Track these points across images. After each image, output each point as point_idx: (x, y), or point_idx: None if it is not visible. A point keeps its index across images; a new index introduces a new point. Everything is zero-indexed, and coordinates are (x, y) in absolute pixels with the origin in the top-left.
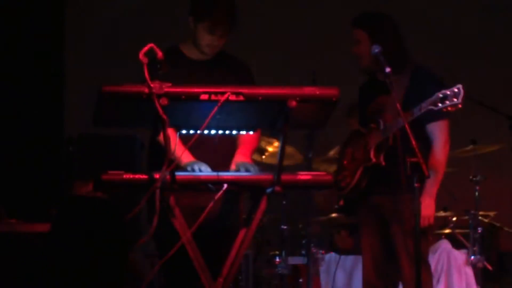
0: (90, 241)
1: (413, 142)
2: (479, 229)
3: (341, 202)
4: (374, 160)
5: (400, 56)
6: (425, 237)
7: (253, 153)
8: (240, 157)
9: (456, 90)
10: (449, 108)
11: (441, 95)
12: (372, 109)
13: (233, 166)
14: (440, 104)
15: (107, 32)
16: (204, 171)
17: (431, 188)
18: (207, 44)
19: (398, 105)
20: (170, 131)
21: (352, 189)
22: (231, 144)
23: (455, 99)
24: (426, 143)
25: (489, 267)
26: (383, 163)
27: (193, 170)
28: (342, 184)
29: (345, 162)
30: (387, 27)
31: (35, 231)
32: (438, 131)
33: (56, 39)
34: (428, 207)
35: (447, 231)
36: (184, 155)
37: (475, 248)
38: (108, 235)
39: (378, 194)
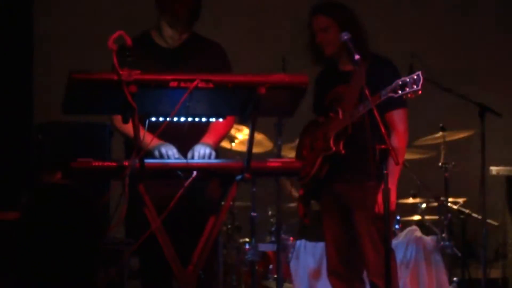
0: (60, 229)
1: (382, 129)
2: (448, 216)
3: (301, 192)
4: (334, 149)
5: (363, 45)
6: (389, 224)
7: (220, 140)
8: (204, 140)
9: (415, 77)
10: (409, 95)
11: (400, 82)
12: (330, 99)
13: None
14: (400, 91)
15: (77, 17)
16: (171, 154)
17: (393, 176)
18: (169, 36)
19: (366, 90)
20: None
21: (312, 178)
22: (201, 132)
23: (414, 86)
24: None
25: (458, 253)
26: (343, 152)
27: (160, 153)
28: (302, 174)
29: (304, 152)
30: (352, 15)
31: (4, 219)
32: (398, 120)
33: (25, 24)
34: (392, 194)
35: (416, 217)
36: (149, 139)
37: (444, 235)
38: (78, 222)
39: (339, 182)
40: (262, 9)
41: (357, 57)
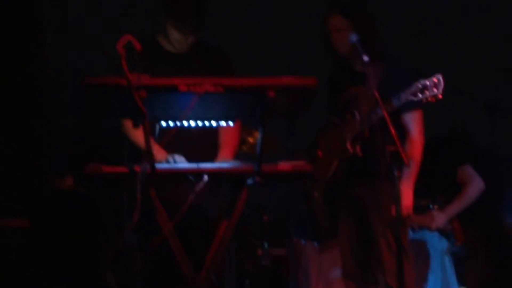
0: (71, 235)
1: (392, 131)
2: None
3: (316, 194)
4: (351, 151)
5: (377, 46)
6: (404, 226)
7: (236, 151)
8: (222, 156)
9: (435, 80)
10: (429, 99)
11: (420, 86)
12: (344, 99)
13: None
14: (420, 95)
15: (84, 22)
16: (179, 162)
17: (409, 178)
18: (176, 39)
19: (377, 95)
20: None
21: (328, 181)
22: (210, 136)
23: (435, 90)
24: (401, 133)
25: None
26: (360, 154)
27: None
28: (317, 176)
29: (320, 154)
30: (367, 16)
31: (12, 226)
32: (414, 121)
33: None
34: (407, 197)
35: None
36: (157, 152)
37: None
38: (88, 229)
39: (355, 185)
40: (270, 11)
41: (366, 58)
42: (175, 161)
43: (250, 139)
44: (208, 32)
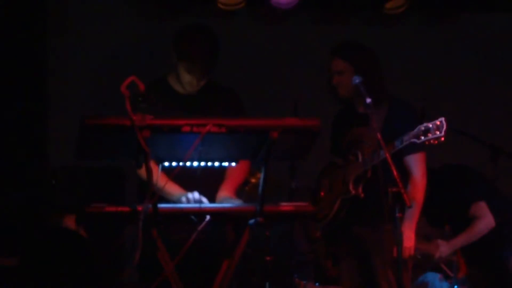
0: (59, 274)
1: (395, 173)
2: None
3: (318, 234)
4: (353, 192)
5: (380, 88)
6: (406, 268)
7: (238, 187)
8: (223, 192)
9: (438, 123)
10: (432, 141)
11: (423, 128)
12: (348, 141)
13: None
14: (422, 137)
15: (93, 59)
16: (199, 198)
17: (411, 220)
18: (187, 82)
19: (379, 137)
20: (153, 165)
21: (331, 221)
22: (214, 176)
23: (437, 132)
24: (404, 175)
25: None
26: (362, 195)
27: (188, 200)
28: (320, 216)
29: (322, 194)
30: (369, 58)
31: (3, 265)
32: (416, 163)
33: (39, 68)
34: (409, 239)
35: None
36: (174, 188)
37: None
38: (77, 268)
39: (357, 226)
40: (274, 53)
41: (368, 100)
42: (194, 197)
43: (253, 180)
44: (214, 72)
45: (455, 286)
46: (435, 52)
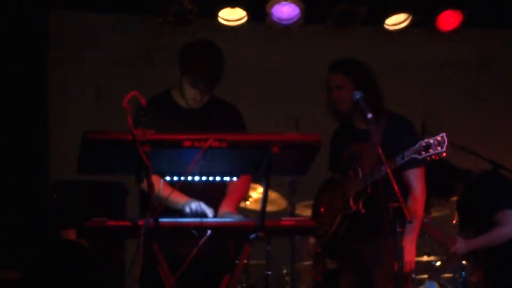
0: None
1: (396, 188)
2: (463, 273)
3: (318, 250)
4: (354, 208)
5: (378, 103)
6: (407, 282)
7: (239, 202)
8: (225, 207)
9: (439, 138)
10: (433, 157)
11: (424, 144)
12: (347, 156)
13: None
14: (424, 153)
15: (93, 73)
16: (202, 207)
17: (412, 234)
18: (191, 97)
19: (380, 153)
20: (155, 177)
21: (331, 237)
22: (215, 190)
23: (439, 148)
24: (403, 190)
25: None
26: (363, 211)
27: (191, 209)
28: (320, 232)
29: (322, 210)
30: (367, 74)
31: (5, 278)
32: (416, 178)
33: (40, 83)
34: (409, 253)
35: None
36: (178, 197)
37: None
38: (80, 277)
39: (357, 241)
40: (274, 68)
41: (369, 116)
42: (200, 206)
43: (254, 195)
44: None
45: None
46: (436, 67)
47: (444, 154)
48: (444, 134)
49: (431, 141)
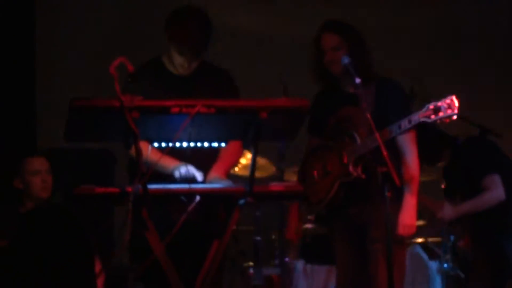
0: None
1: (384, 153)
2: (451, 237)
3: (312, 217)
4: (355, 174)
5: (369, 67)
6: (402, 246)
7: (230, 168)
8: (214, 173)
9: (449, 101)
10: (444, 120)
11: (433, 107)
12: (335, 120)
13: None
14: (433, 116)
15: (81, 41)
16: (192, 171)
17: (411, 198)
18: (179, 64)
19: (370, 118)
20: (143, 143)
21: (328, 205)
22: (204, 157)
23: (450, 111)
24: (397, 154)
25: (462, 275)
26: (364, 177)
27: (180, 174)
28: (313, 199)
29: (315, 176)
30: (360, 37)
31: None
32: (410, 142)
33: (27, 48)
34: (410, 217)
35: (419, 240)
36: (168, 161)
37: (447, 257)
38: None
39: (355, 206)
40: (262, 32)
41: (358, 80)
42: (187, 171)
43: (242, 161)
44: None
45: (445, 265)
46: (425, 30)
47: (455, 117)
48: (453, 97)
49: (440, 103)
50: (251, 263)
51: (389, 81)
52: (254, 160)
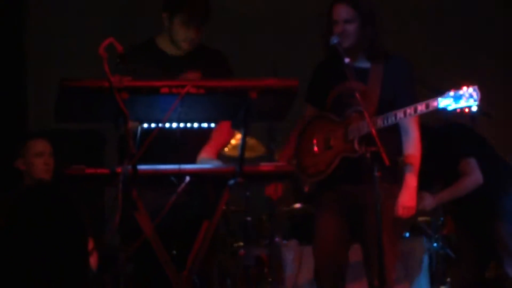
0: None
1: (373, 132)
2: (441, 218)
3: (306, 189)
4: (360, 152)
5: (381, 44)
6: (400, 228)
7: (221, 149)
8: (204, 153)
9: (470, 91)
10: (464, 109)
11: (453, 94)
12: (338, 92)
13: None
14: (454, 105)
15: (71, 25)
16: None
17: (412, 179)
18: (183, 39)
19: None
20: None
21: (327, 177)
22: (195, 138)
23: (472, 101)
24: (398, 135)
25: (451, 254)
26: (369, 156)
27: None
28: (311, 171)
29: (315, 149)
30: (373, 12)
31: None
32: (412, 123)
33: (16, 31)
34: (410, 199)
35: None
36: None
37: (436, 236)
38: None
39: (352, 183)
40: (252, 14)
41: (347, 60)
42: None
43: (232, 141)
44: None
45: (434, 244)
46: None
47: (476, 108)
48: (476, 87)
49: (461, 92)
50: (241, 243)
51: (398, 57)
52: (244, 140)
